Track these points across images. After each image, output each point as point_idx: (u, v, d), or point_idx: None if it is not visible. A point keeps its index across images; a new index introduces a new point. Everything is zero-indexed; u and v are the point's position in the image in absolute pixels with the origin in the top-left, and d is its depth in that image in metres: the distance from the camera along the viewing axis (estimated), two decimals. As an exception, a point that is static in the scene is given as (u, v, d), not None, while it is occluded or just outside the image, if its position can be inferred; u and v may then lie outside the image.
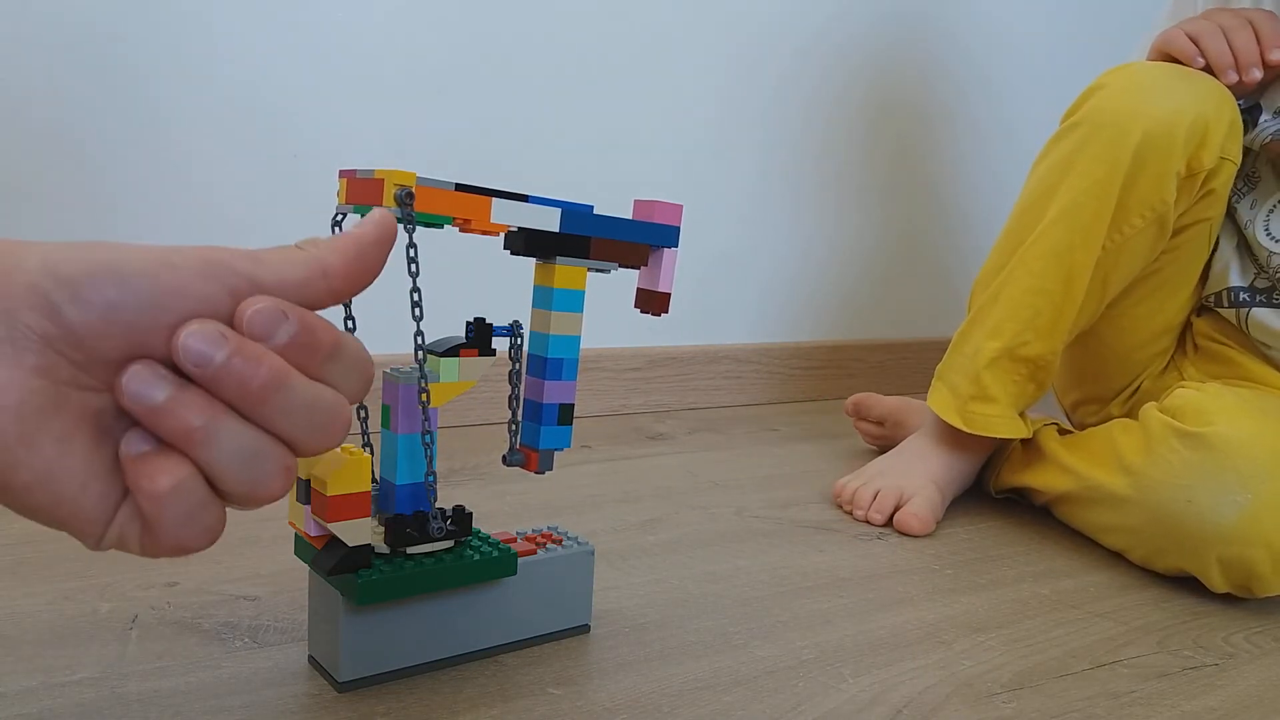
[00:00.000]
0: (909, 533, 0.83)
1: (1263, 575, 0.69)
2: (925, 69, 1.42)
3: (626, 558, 0.74)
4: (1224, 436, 0.72)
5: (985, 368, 0.86)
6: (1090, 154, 0.82)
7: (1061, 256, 0.83)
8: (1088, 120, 0.83)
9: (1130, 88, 0.82)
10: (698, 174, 1.24)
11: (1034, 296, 0.85)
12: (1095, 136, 0.82)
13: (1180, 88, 0.81)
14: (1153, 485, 0.75)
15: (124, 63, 0.90)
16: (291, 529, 0.74)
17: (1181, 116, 0.79)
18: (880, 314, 1.46)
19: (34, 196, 0.88)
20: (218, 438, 0.30)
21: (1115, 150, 0.81)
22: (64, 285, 0.29)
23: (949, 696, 0.56)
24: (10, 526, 0.72)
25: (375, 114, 1.02)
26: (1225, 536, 0.70)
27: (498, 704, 0.52)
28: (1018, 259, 0.86)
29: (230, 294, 0.31)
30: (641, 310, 0.58)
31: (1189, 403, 0.76)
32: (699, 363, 1.27)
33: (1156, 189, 0.81)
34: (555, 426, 0.55)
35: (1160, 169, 0.80)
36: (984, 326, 0.88)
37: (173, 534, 0.31)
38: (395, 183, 0.46)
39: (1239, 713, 0.57)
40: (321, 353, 0.32)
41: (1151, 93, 0.81)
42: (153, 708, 0.49)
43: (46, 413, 0.29)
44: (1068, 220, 0.83)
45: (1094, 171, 0.82)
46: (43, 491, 0.30)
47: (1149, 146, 0.80)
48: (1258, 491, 0.70)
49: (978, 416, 0.87)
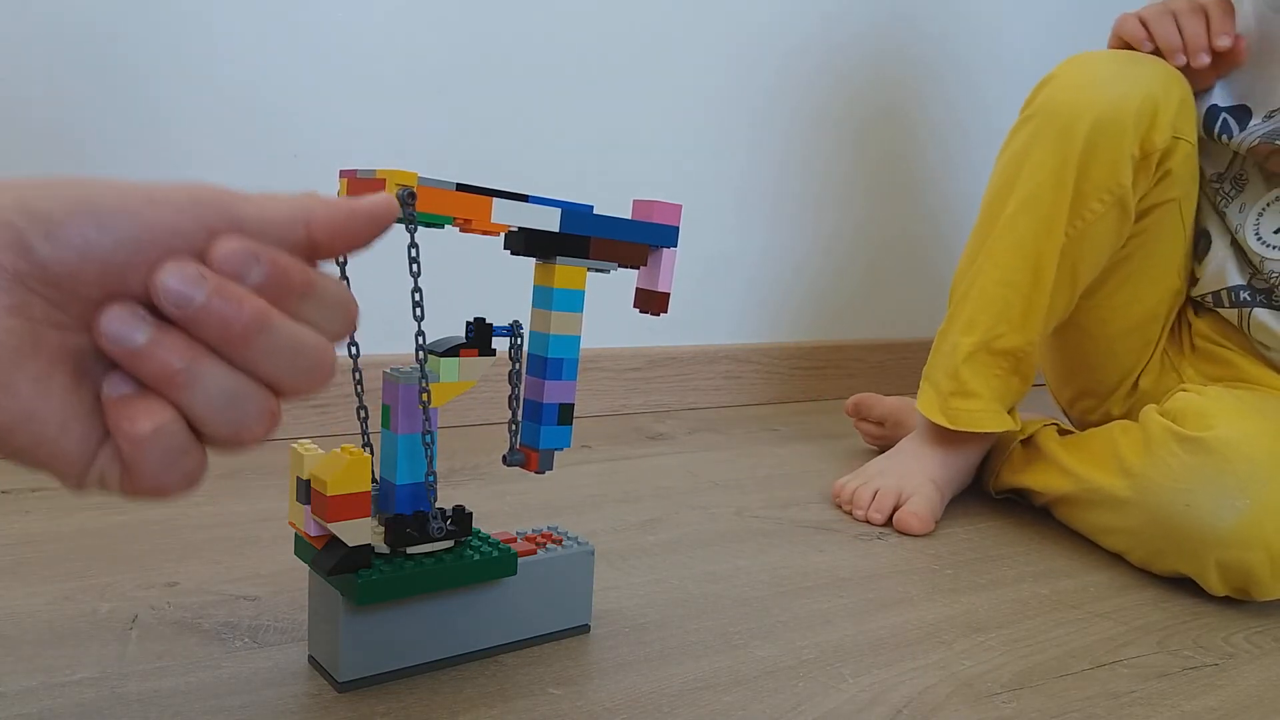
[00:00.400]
0: (909, 532, 0.83)
1: (1261, 579, 0.69)
2: (920, 70, 1.41)
3: (626, 558, 0.74)
4: (1223, 440, 0.72)
5: (963, 363, 0.87)
6: (1044, 144, 0.84)
7: (1026, 247, 0.85)
8: (1040, 111, 0.86)
9: (1079, 76, 0.85)
10: (697, 174, 1.24)
11: (1003, 289, 0.86)
12: (1048, 126, 0.84)
13: (1128, 71, 0.83)
14: (1152, 488, 0.75)
15: (124, 62, 0.90)
16: (291, 529, 0.74)
17: (1129, 100, 0.81)
18: (881, 314, 1.46)
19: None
20: (199, 381, 0.30)
21: (1067, 138, 0.83)
22: (38, 222, 0.28)
23: (949, 696, 0.56)
24: (10, 526, 0.72)
25: (375, 114, 1.02)
26: (1224, 540, 0.70)
27: (498, 704, 0.52)
28: (984, 253, 0.88)
29: (209, 233, 0.30)
30: (641, 310, 0.58)
31: (1189, 406, 0.76)
32: (699, 363, 1.27)
33: (1112, 172, 0.82)
34: (555, 426, 0.55)
35: (1113, 153, 0.82)
36: (958, 322, 0.89)
37: (153, 477, 0.31)
38: (397, 182, 0.46)
39: (1239, 713, 0.57)
40: (295, 293, 0.31)
41: (1100, 79, 0.83)
42: (153, 708, 0.49)
43: (23, 353, 0.29)
44: (1028, 211, 0.85)
45: (1049, 161, 0.84)
46: (22, 433, 0.29)
47: (1099, 132, 0.81)
48: (1257, 496, 0.70)
49: (960, 412, 0.87)
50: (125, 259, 0.29)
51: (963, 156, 1.48)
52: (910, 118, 1.42)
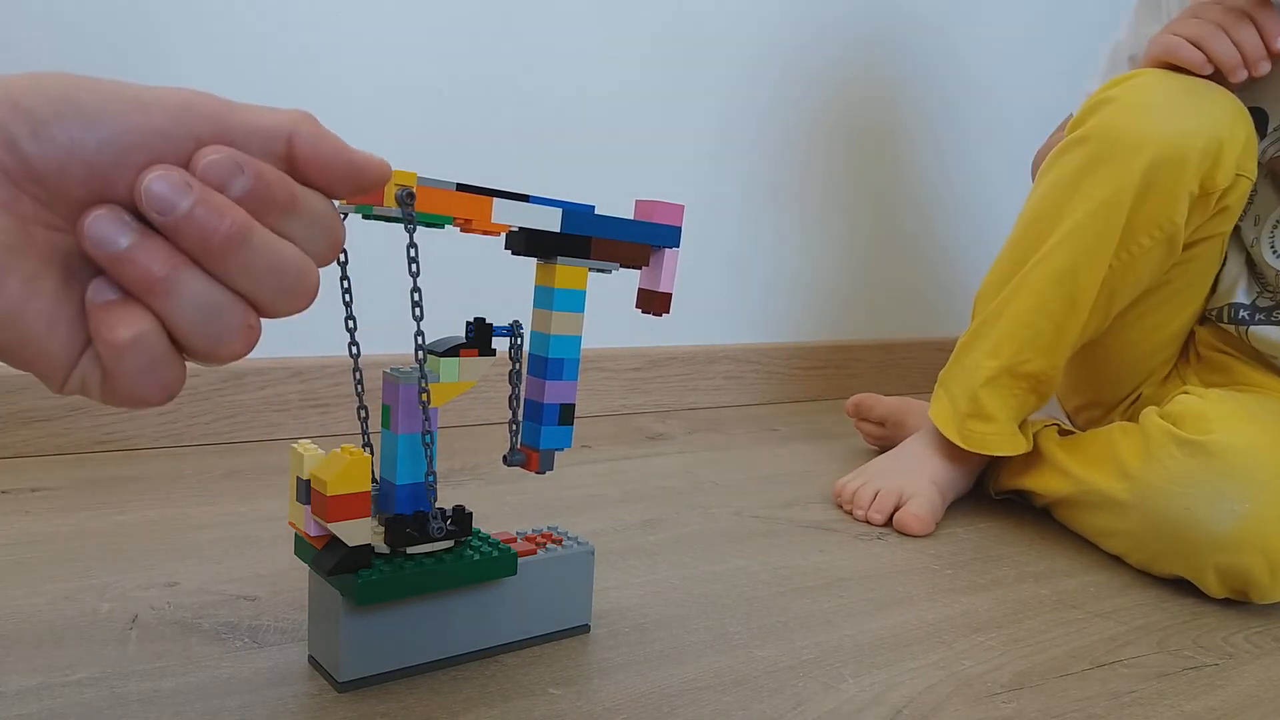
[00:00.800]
0: (909, 533, 0.83)
1: (1260, 583, 0.69)
2: (921, 71, 1.42)
3: (626, 558, 0.74)
4: (1223, 444, 0.72)
5: (983, 386, 0.86)
6: (1098, 175, 0.80)
7: (1065, 278, 0.82)
8: (1095, 137, 0.81)
9: (1139, 105, 0.79)
10: (699, 174, 1.24)
11: (1036, 316, 0.84)
12: (1103, 156, 0.80)
13: (1192, 106, 0.78)
14: (1151, 492, 0.75)
15: (123, 62, 0.90)
16: (291, 529, 0.74)
17: (1194, 139, 0.77)
18: (880, 314, 1.46)
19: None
20: (179, 290, 0.30)
21: (1123, 172, 0.79)
22: (24, 118, 0.28)
23: (949, 696, 0.56)
24: (10, 526, 0.72)
25: (375, 114, 1.01)
26: (1222, 544, 0.70)
27: (498, 704, 0.52)
28: (1021, 278, 0.85)
29: (197, 141, 0.30)
30: (643, 310, 0.58)
31: (1189, 409, 0.76)
32: (699, 363, 1.27)
33: (1166, 210, 0.79)
34: (556, 426, 0.55)
35: (1171, 190, 0.78)
36: (985, 343, 0.87)
37: (130, 386, 0.30)
38: (396, 182, 0.46)
39: (1239, 713, 0.57)
40: (279, 208, 0.31)
41: (1162, 111, 0.78)
42: (153, 708, 0.49)
43: (13, 250, 0.28)
44: (1073, 241, 0.81)
45: (1100, 193, 0.80)
46: (9, 331, 0.29)
47: (1158, 169, 0.77)
48: (1256, 500, 0.69)
49: (974, 435, 0.87)
50: (111, 161, 0.29)
51: (963, 158, 1.48)
52: (911, 119, 1.42)
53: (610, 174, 1.16)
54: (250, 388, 0.98)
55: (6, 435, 0.88)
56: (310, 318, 1.10)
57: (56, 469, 0.86)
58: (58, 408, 0.89)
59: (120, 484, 0.83)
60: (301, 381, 1.00)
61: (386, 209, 0.47)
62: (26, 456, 0.89)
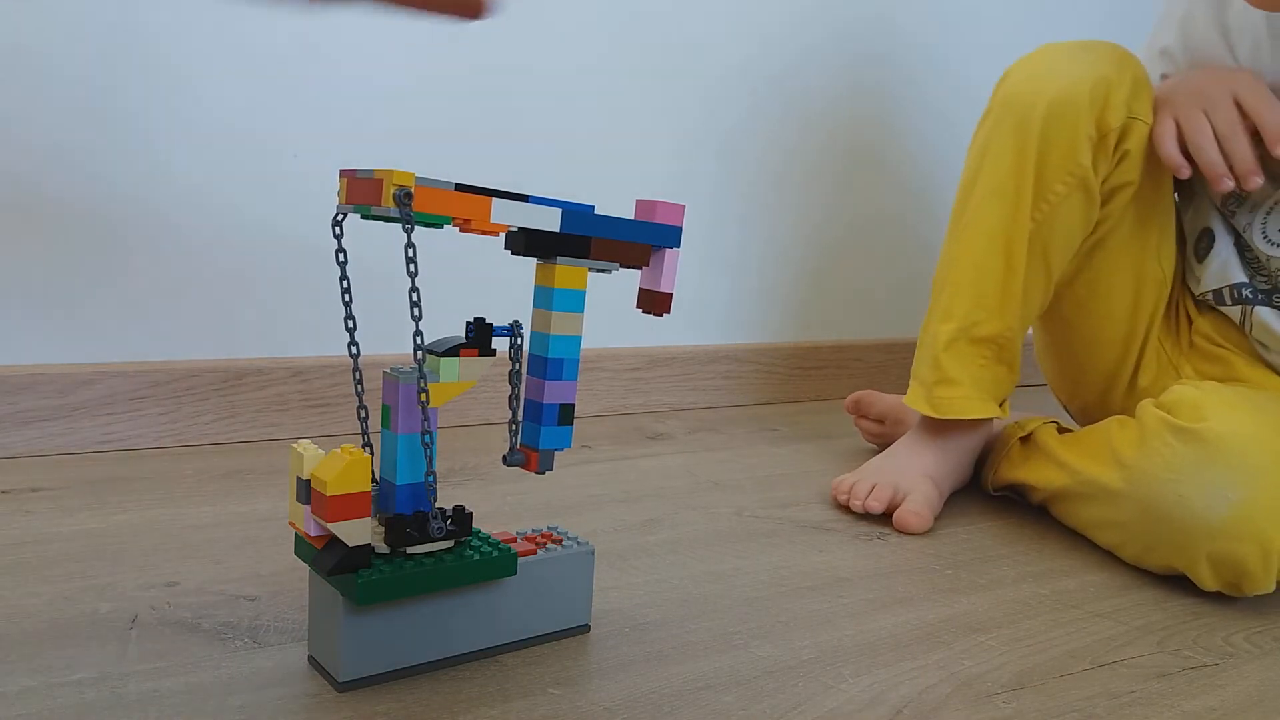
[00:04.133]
0: (908, 530, 0.83)
1: (1253, 572, 0.69)
2: (919, 72, 1.42)
3: (626, 558, 0.74)
4: (1217, 432, 0.72)
5: (943, 350, 0.89)
6: (1003, 134, 0.87)
7: (995, 234, 0.87)
8: (999, 103, 0.88)
9: (1035, 66, 0.88)
10: (699, 174, 1.24)
11: (976, 274, 0.88)
12: (1006, 116, 0.87)
13: (1080, 56, 0.85)
14: (1145, 479, 0.75)
15: (123, 62, 0.90)
16: (291, 529, 0.74)
17: (1082, 83, 0.83)
18: (881, 314, 1.46)
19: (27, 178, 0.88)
20: None
21: (1025, 125, 0.85)
22: None
23: (949, 696, 0.56)
24: (10, 526, 0.72)
25: (375, 114, 1.01)
26: (1215, 532, 0.70)
27: (498, 704, 0.52)
28: (957, 242, 0.90)
29: None
30: (644, 310, 0.58)
31: (1184, 398, 0.76)
32: (699, 363, 1.27)
33: (1070, 154, 0.84)
34: (556, 426, 0.55)
35: (1069, 134, 0.83)
36: (937, 311, 0.91)
37: None
38: (395, 182, 0.46)
39: (1239, 713, 0.57)
40: None
41: (1054, 67, 0.86)
42: (153, 708, 0.49)
43: None
44: (994, 199, 0.87)
45: (1009, 149, 0.86)
46: None
47: (1054, 115, 0.84)
48: (1250, 487, 0.69)
49: (943, 400, 0.89)
50: None
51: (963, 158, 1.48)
52: (913, 119, 1.42)
53: (610, 174, 1.17)
54: (250, 388, 0.98)
55: (6, 435, 0.88)
56: (310, 318, 1.11)
57: (56, 469, 0.86)
58: (58, 408, 0.89)
59: (120, 484, 0.83)
60: (301, 381, 1.00)
61: (385, 209, 0.47)
62: (26, 456, 0.89)
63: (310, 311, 1.01)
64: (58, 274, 0.90)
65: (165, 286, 0.95)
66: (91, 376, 0.91)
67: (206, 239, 0.96)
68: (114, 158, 0.91)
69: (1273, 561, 0.69)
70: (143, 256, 0.93)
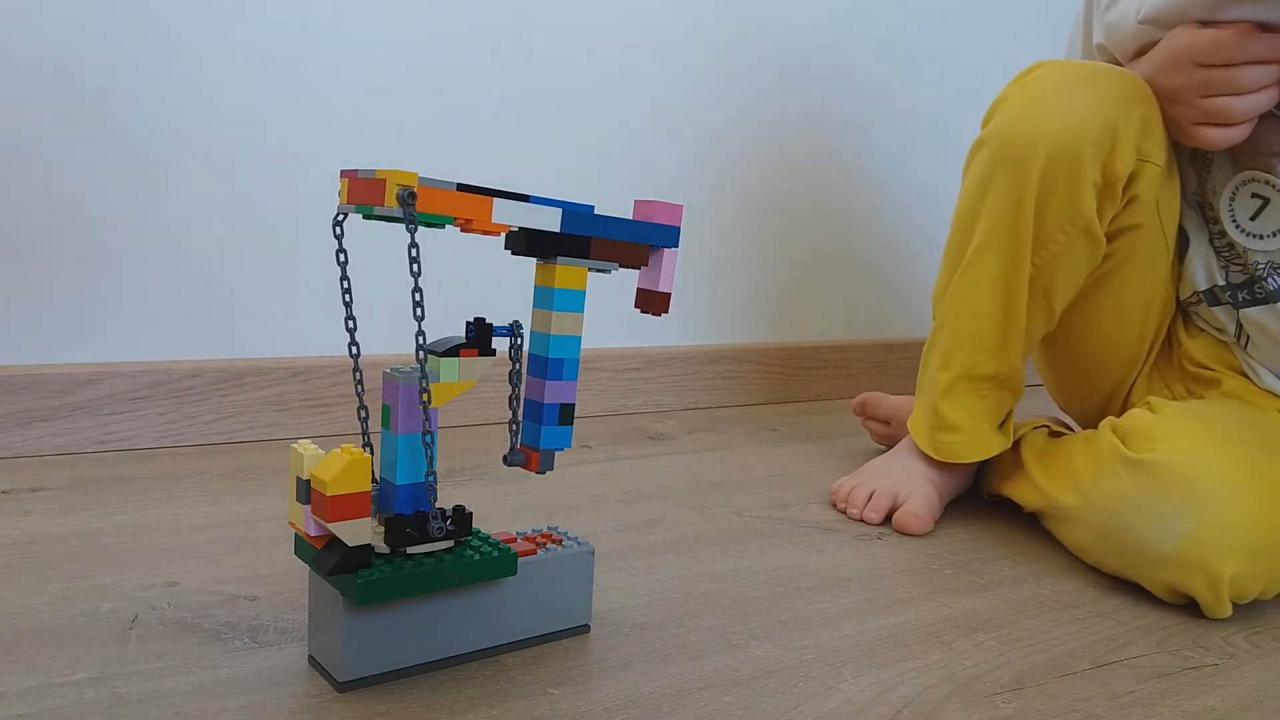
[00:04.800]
0: (908, 532, 0.83)
1: (1205, 602, 0.69)
2: (917, 74, 1.42)
3: (626, 558, 0.74)
4: (1164, 464, 0.71)
5: (941, 398, 0.87)
6: (1001, 178, 0.81)
7: (994, 282, 0.83)
8: (994, 138, 0.82)
9: (1031, 103, 0.80)
10: (698, 174, 1.24)
11: (975, 323, 0.85)
12: (1003, 158, 0.81)
13: (1083, 93, 0.78)
14: (1097, 509, 0.75)
15: (121, 62, 0.90)
16: (291, 529, 0.74)
17: (1086, 128, 0.77)
18: (881, 314, 1.46)
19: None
20: None
21: (1023, 172, 0.79)
22: None
23: (949, 696, 0.56)
24: (10, 526, 0.72)
25: (375, 114, 1.02)
26: (1164, 563, 0.69)
27: (498, 704, 0.52)
28: (953, 289, 0.86)
29: None
30: (642, 310, 0.58)
31: (1137, 425, 0.76)
32: (699, 363, 1.27)
33: (1072, 204, 0.79)
34: (556, 426, 0.55)
35: (1072, 184, 0.78)
36: (935, 355, 0.88)
37: None
38: (397, 183, 0.46)
39: (1239, 713, 0.57)
40: None
41: (1054, 106, 0.79)
42: (153, 708, 0.49)
43: None
44: (992, 246, 0.83)
45: (1006, 196, 0.81)
46: None
47: (1055, 164, 0.78)
48: (1195, 520, 0.68)
49: (944, 445, 0.87)
50: None
51: (962, 158, 1.48)
52: (913, 119, 1.42)
53: (610, 174, 1.17)
54: (250, 388, 0.98)
55: (6, 435, 0.88)
56: (310, 318, 1.11)
57: (56, 469, 0.86)
58: (58, 408, 0.89)
59: (120, 484, 0.83)
60: (301, 381, 1.00)
61: (387, 209, 0.47)
62: (26, 456, 0.89)
63: (310, 311, 1.01)
64: (58, 274, 0.90)
65: (165, 286, 0.95)
66: (91, 376, 0.91)
67: (206, 239, 0.96)
68: (114, 158, 0.91)
69: (1222, 591, 0.68)
70: (142, 256, 0.93)
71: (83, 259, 0.91)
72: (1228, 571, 0.67)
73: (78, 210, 0.90)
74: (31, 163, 0.88)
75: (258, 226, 0.98)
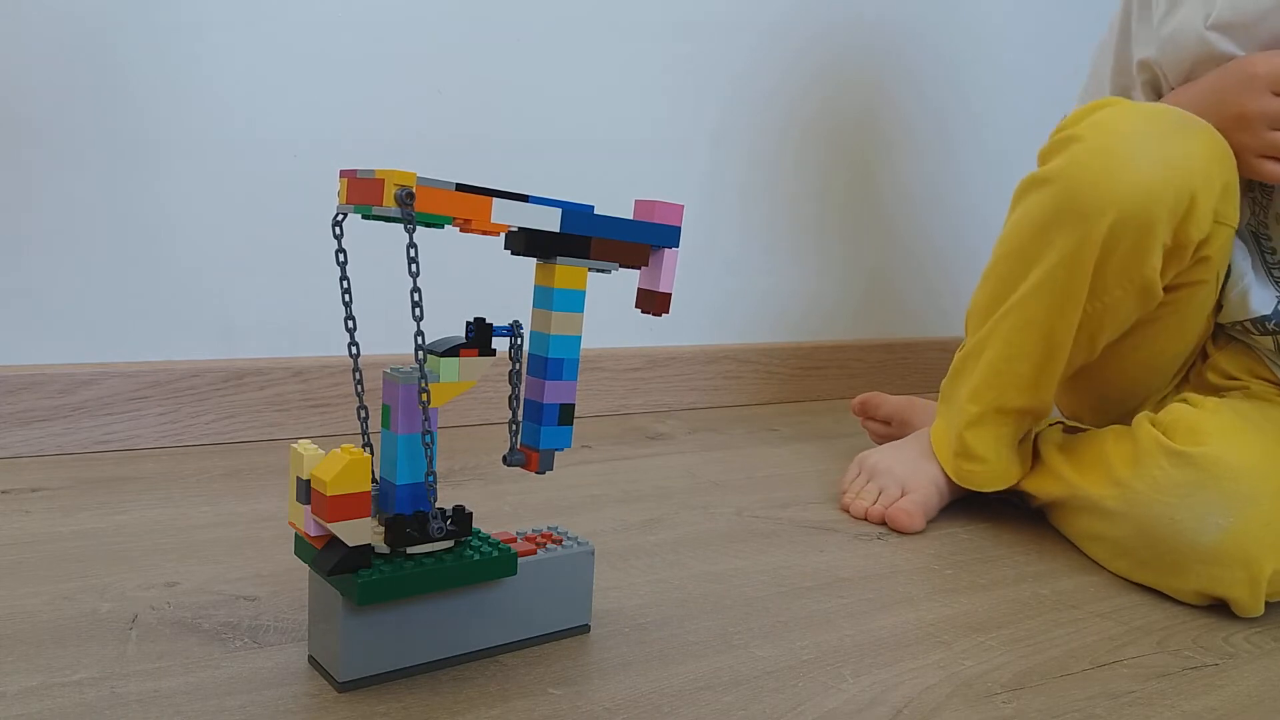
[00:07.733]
0: (897, 528, 0.83)
1: (1240, 599, 0.69)
2: (916, 76, 1.42)
3: (626, 558, 0.74)
4: (1212, 458, 0.71)
5: (967, 428, 0.85)
6: (1063, 229, 0.76)
7: (1039, 327, 0.80)
8: (1059, 184, 0.77)
9: (1102, 152, 0.74)
10: (698, 174, 1.24)
11: (1011, 363, 0.82)
12: (1067, 210, 0.76)
13: (1165, 150, 0.73)
14: (1139, 501, 0.74)
15: (121, 62, 0.90)
16: (291, 529, 0.74)
17: (1162, 194, 0.72)
18: (881, 314, 1.46)
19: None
20: None
21: (1088, 230, 0.75)
22: None
23: (949, 696, 0.56)
24: (10, 526, 0.72)
25: (375, 114, 1.01)
26: (1205, 557, 0.69)
27: (498, 704, 0.52)
28: (995, 324, 0.83)
29: None
30: (642, 310, 0.58)
31: (1182, 419, 0.75)
32: (699, 363, 1.27)
33: (1137, 264, 0.75)
34: (556, 426, 0.55)
35: (1138, 248, 0.75)
36: (966, 384, 0.86)
37: None
38: (396, 182, 0.46)
39: (1239, 713, 0.57)
40: None
41: (1126, 162, 0.73)
42: (153, 708, 0.49)
43: None
44: (1042, 292, 0.79)
45: (1066, 246, 0.76)
46: None
47: (1124, 226, 0.73)
48: (1240, 515, 0.69)
49: (967, 474, 0.86)
50: None
51: (961, 159, 1.48)
52: (913, 118, 1.42)
53: (610, 174, 1.16)
54: (250, 388, 0.98)
55: (6, 435, 0.88)
56: (310, 318, 1.10)
57: (56, 469, 0.86)
58: (58, 408, 0.89)
59: (120, 484, 0.83)
60: (301, 381, 1.00)
61: (386, 209, 0.47)
62: (26, 456, 0.89)
63: (310, 311, 1.01)
64: (58, 274, 0.90)
65: (165, 286, 0.95)
66: (91, 376, 0.91)
67: (206, 239, 0.96)
68: (114, 157, 0.91)
69: (1260, 589, 0.68)
70: (142, 256, 0.93)
71: (83, 259, 0.91)
72: (1269, 568, 0.68)
73: (77, 210, 0.90)
74: (32, 163, 0.88)
75: (258, 226, 0.98)
